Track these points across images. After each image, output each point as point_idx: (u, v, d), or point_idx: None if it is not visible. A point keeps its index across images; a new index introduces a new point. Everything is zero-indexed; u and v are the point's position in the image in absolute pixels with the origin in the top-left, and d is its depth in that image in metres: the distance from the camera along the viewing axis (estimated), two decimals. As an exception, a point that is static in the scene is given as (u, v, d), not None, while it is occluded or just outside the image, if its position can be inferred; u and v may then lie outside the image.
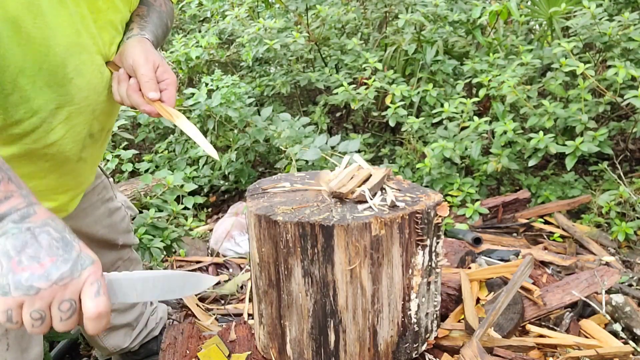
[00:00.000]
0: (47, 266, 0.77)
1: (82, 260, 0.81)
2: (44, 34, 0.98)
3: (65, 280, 0.78)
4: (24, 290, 0.76)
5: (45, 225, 0.81)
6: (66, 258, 0.79)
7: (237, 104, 3.16)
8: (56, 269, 0.78)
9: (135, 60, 1.14)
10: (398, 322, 1.35)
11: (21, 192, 0.84)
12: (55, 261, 0.78)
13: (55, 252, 0.79)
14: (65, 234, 0.82)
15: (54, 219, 0.84)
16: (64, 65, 1.04)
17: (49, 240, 0.80)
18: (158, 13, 1.33)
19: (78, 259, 0.81)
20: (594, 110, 2.67)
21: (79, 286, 0.80)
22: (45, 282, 0.77)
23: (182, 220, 2.81)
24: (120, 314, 1.65)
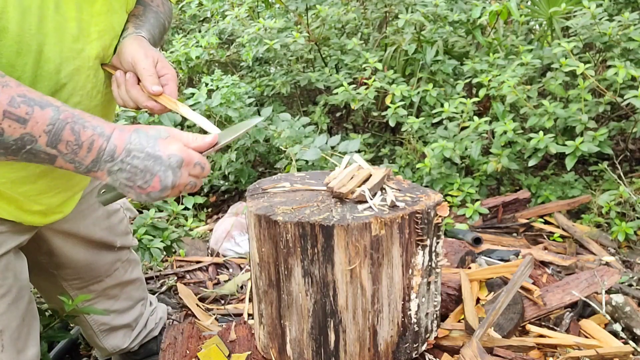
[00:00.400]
0: (158, 185, 0.99)
1: (173, 162, 1.00)
2: (39, 41, 0.98)
3: (174, 183, 1.01)
4: (159, 199, 1.03)
5: (130, 153, 0.98)
6: (163, 170, 0.99)
7: (237, 104, 3.16)
8: (164, 183, 1.00)
9: (135, 56, 1.14)
10: (398, 322, 1.35)
11: (95, 130, 0.96)
12: (159, 178, 0.99)
13: (154, 169, 0.98)
14: (147, 148, 0.98)
15: (130, 139, 0.98)
16: (57, 72, 1.03)
17: (141, 162, 0.98)
18: (155, 13, 1.32)
19: (170, 164, 0.99)
20: (594, 110, 2.67)
21: (186, 176, 1.03)
22: (165, 192, 1.01)
23: (182, 221, 2.81)
24: (119, 314, 1.65)
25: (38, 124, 0.90)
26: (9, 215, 1.16)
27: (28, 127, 0.89)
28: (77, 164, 0.96)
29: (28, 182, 1.14)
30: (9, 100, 0.87)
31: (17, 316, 1.23)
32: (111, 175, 0.99)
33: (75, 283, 1.53)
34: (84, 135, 0.94)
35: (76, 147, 0.94)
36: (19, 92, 0.89)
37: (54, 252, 1.42)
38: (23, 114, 0.89)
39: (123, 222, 1.62)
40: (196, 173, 1.05)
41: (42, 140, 0.91)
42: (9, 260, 1.21)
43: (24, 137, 0.90)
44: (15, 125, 0.88)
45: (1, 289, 1.19)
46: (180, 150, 1.01)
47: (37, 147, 0.91)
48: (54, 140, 0.92)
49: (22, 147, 0.91)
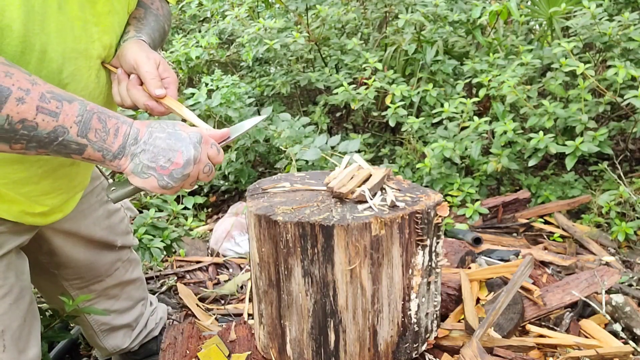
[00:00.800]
0: (181, 160, 1.03)
1: (194, 138, 1.06)
2: (42, 40, 0.98)
3: (197, 158, 1.05)
4: (180, 180, 1.05)
5: (152, 135, 1.04)
6: (185, 145, 1.04)
7: (237, 104, 3.16)
8: (187, 157, 1.04)
9: (137, 58, 1.15)
10: (398, 322, 1.35)
11: (119, 119, 1.02)
12: (182, 152, 1.03)
13: (175, 146, 1.03)
14: (167, 129, 1.05)
15: (150, 124, 1.06)
16: (59, 71, 1.04)
17: (164, 141, 1.03)
18: (155, 16, 1.32)
19: (190, 140, 1.05)
20: (594, 110, 2.67)
21: (205, 154, 1.08)
22: (189, 168, 1.05)
23: (182, 220, 2.81)
24: (119, 314, 1.65)
25: (68, 116, 0.95)
26: (10, 216, 1.16)
27: (60, 119, 0.94)
28: (105, 151, 1.00)
29: (31, 182, 1.14)
30: (40, 97, 0.92)
31: (18, 316, 1.23)
32: (134, 158, 1.02)
33: (75, 283, 1.53)
34: (110, 123, 1.00)
35: (104, 135, 0.99)
36: (47, 89, 0.94)
37: (54, 251, 1.42)
38: (54, 108, 0.93)
39: (124, 221, 1.62)
40: (213, 154, 1.10)
41: (73, 130, 0.96)
42: (10, 260, 1.21)
43: (56, 129, 0.94)
44: (48, 119, 0.93)
45: (2, 289, 1.19)
46: (198, 130, 1.09)
47: (68, 138, 0.96)
48: (84, 130, 0.97)
49: (55, 139, 0.95)
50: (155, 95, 1.14)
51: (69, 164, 1.20)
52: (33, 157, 1.10)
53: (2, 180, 1.10)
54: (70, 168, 1.22)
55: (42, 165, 1.14)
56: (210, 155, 1.09)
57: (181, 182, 1.06)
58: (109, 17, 1.13)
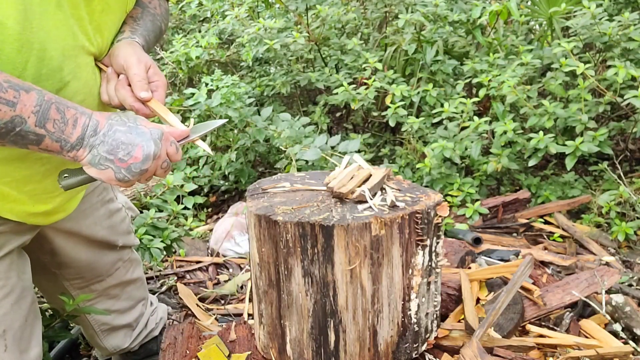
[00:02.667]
0: (140, 154, 1.03)
1: (155, 134, 1.06)
2: (41, 38, 0.98)
3: (156, 154, 1.05)
4: (137, 174, 1.05)
5: (112, 127, 1.03)
6: (145, 140, 1.04)
7: (237, 104, 3.16)
8: (147, 152, 1.04)
9: (127, 60, 1.15)
10: (398, 322, 1.35)
11: (77, 109, 1.01)
12: (142, 147, 1.03)
13: (135, 141, 1.03)
14: (128, 123, 1.05)
15: (110, 116, 1.05)
16: (60, 69, 1.04)
17: (124, 135, 1.03)
18: (152, 16, 1.32)
19: (151, 135, 1.05)
20: (594, 110, 2.67)
21: (165, 150, 1.08)
22: (147, 163, 1.04)
23: (182, 220, 2.81)
24: (120, 314, 1.65)
25: (26, 106, 0.94)
26: (13, 216, 1.16)
27: (17, 109, 0.93)
28: (63, 142, 0.99)
29: (33, 181, 1.14)
30: None
31: (20, 316, 1.23)
32: (92, 150, 1.02)
33: (76, 282, 1.53)
34: (69, 113, 0.99)
35: (62, 125, 0.98)
36: (4, 77, 0.92)
37: (56, 251, 1.43)
38: (11, 97, 0.92)
39: (125, 221, 1.63)
40: (172, 152, 1.10)
41: (31, 120, 0.95)
42: (12, 260, 1.21)
43: (14, 119, 0.93)
44: (5, 109, 0.92)
45: (4, 289, 1.19)
46: (159, 127, 1.09)
47: (26, 128, 0.95)
48: (42, 120, 0.96)
49: (12, 129, 0.94)
50: (141, 98, 1.15)
51: (71, 162, 1.20)
52: (35, 155, 1.10)
53: (5, 178, 1.10)
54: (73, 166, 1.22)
55: (44, 164, 1.14)
56: (170, 152, 1.10)
57: (138, 176, 1.06)
58: (102, 16, 1.13)
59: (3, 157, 1.07)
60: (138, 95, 1.15)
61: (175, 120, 1.18)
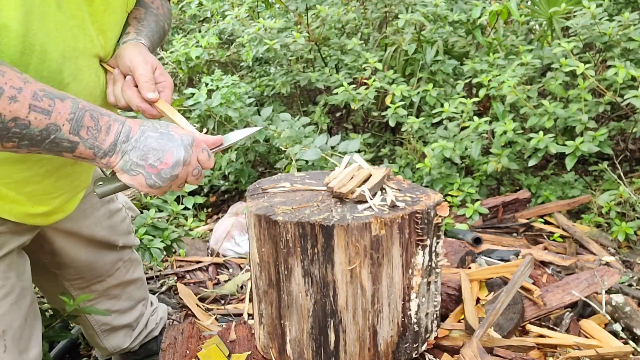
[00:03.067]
0: (170, 160, 1.04)
1: (185, 140, 1.06)
2: (42, 40, 0.98)
3: (186, 160, 1.06)
4: (168, 180, 1.05)
5: (144, 133, 1.04)
6: (176, 146, 1.04)
7: (237, 104, 3.16)
8: (177, 158, 1.04)
9: (134, 61, 1.15)
10: (398, 322, 1.35)
11: (111, 117, 1.03)
12: (172, 153, 1.04)
13: (166, 147, 1.04)
14: (160, 129, 1.05)
15: (142, 122, 1.06)
16: (60, 71, 1.04)
17: (155, 141, 1.04)
18: (155, 16, 1.32)
19: (182, 142, 1.06)
20: (594, 110, 2.67)
21: (195, 157, 1.08)
22: (178, 169, 1.05)
23: (182, 221, 2.81)
24: (120, 314, 1.65)
25: (60, 114, 0.95)
26: (12, 217, 1.16)
27: (52, 117, 0.94)
28: (97, 148, 1.01)
29: (33, 182, 1.14)
30: (32, 95, 0.92)
31: (19, 316, 1.23)
32: (124, 156, 1.03)
33: (77, 283, 1.53)
34: (102, 121, 1.01)
35: (96, 132, 1.00)
36: (39, 87, 0.94)
37: (56, 251, 1.42)
38: (47, 106, 0.94)
39: (125, 221, 1.62)
40: (203, 159, 1.10)
41: (65, 128, 0.96)
42: (11, 260, 1.21)
43: (49, 127, 0.94)
44: (40, 117, 0.93)
45: (3, 289, 1.19)
46: (191, 133, 1.10)
47: (60, 136, 0.96)
48: (76, 127, 0.97)
49: (47, 137, 0.95)
50: (148, 99, 1.15)
51: (71, 164, 1.20)
52: (35, 157, 1.10)
53: (5, 180, 1.10)
54: (72, 168, 1.22)
55: (44, 165, 1.14)
56: (201, 159, 1.10)
57: (169, 182, 1.06)
58: (105, 16, 1.13)
59: (3, 158, 1.07)
60: (145, 96, 1.15)
61: (183, 121, 1.18)
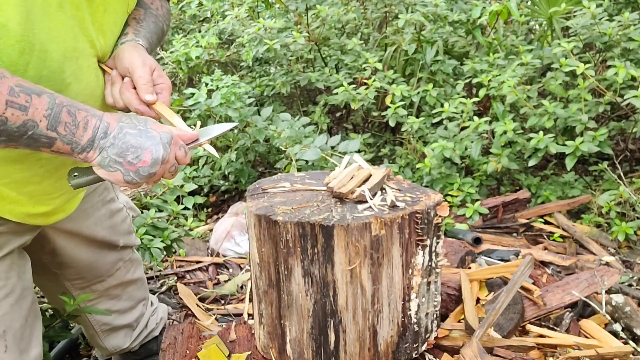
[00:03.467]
0: (149, 158, 1.04)
1: (164, 139, 1.06)
2: (42, 40, 0.98)
3: (165, 158, 1.06)
4: (145, 177, 1.06)
5: (122, 130, 1.04)
6: (155, 144, 1.05)
7: (237, 104, 3.16)
8: (155, 156, 1.04)
9: (132, 62, 1.15)
10: (398, 322, 1.35)
11: (88, 112, 1.02)
12: (150, 151, 1.04)
13: (145, 144, 1.04)
14: (138, 126, 1.05)
15: (120, 118, 1.05)
16: (61, 71, 1.04)
17: (133, 138, 1.03)
18: (154, 17, 1.32)
19: (161, 140, 1.06)
20: (594, 110, 2.67)
21: (173, 155, 1.09)
22: (155, 167, 1.05)
23: (182, 220, 2.81)
24: (121, 314, 1.65)
25: (38, 109, 0.95)
26: (13, 217, 1.16)
27: (29, 113, 0.94)
28: (74, 144, 1.00)
29: (33, 182, 1.14)
30: (9, 90, 0.91)
31: (20, 316, 1.23)
32: (102, 152, 1.03)
33: (77, 283, 1.53)
34: (80, 116, 1.00)
35: (73, 128, 0.99)
36: (16, 82, 0.93)
37: (57, 251, 1.42)
38: (23, 102, 0.93)
39: (126, 221, 1.62)
40: (180, 156, 1.11)
41: (42, 124, 0.96)
42: (12, 261, 1.21)
43: (26, 123, 0.94)
44: (17, 113, 0.92)
45: (4, 289, 1.19)
46: (169, 130, 1.10)
47: (38, 132, 0.96)
48: (54, 123, 0.97)
49: (24, 133, 0.95)
50: (146, 101, 1.15)
51: (71, 163, 1.20)
52: (34, 157, 1.10)
53: (5, 179, 1.10)
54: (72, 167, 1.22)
55: (43, 165, 1.14)
56: (178, 156, 1.11)
57: (146, 179, 1.07)
58: (105, 16, 1.13)
59: (2, 158, 1.07)
60: (143, 97, 1.15)
61: (181, 123, 1.18)
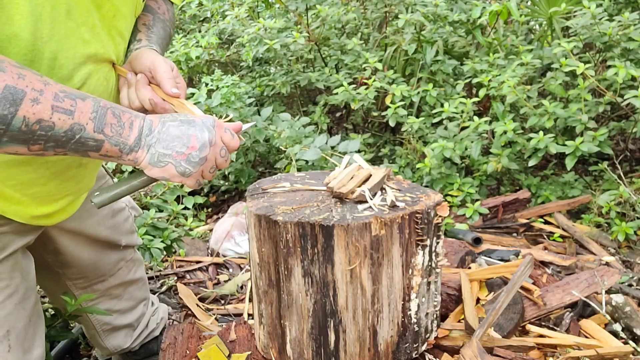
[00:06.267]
0: (196, 143, 1.05)
1: (207, 122, 1.09)
2: (52, 48, 0.99)
3: (212, 140, 1.07)
4: (198, 165, 1.06)
5: (164, 124, 1.06)
6: (199, 129, 1.06)
7: (237, 104, 3.16)
8: (202, 139, 1.06)
9: (155, 61, 1.18)
10: (398, 322, 1.35)
11: (132, 114, 1.04)
12: (196, 136, 1.05)
13: (189, 132, 1.05)
14: (179, 118, 1.08)
15: (161, 116, 1.08)
16: (70, 77, 1.05)
17: (177, 129, 1.05)
18: (162, 22, 1.35)
19: (204, 124, 1.08)
20: (594, 110, 2.67)
21: (219, 137, 1.10)
22: (205, 151, 1.06)
23: (182, 220, 2.81)
24: (122, 314, 1.65)
25: (83, 113, 0.96)
26: (17, 217, 1.17)
27: (75, 117, 0.95)
28: (122, 145, 1.01)
29: (38, 184, 1.15)
30: (54, 96, 0.93)
31: (23, 316, 1.23)
32: (150, 149, 1.04)
33: (79, 282, 1.53)
34: (124, 117, 1.02)
35: (119, 129, 1.01)
36: (60, 88, 0.94)
37: (59, 250, 1.43)
38: (69, 106, 0.94)
39: (128, 220, 1.63)
40: (227, 139, 1.12)
41: (89, 127, 0.97)
42: (16, 261, 1.21)
43: (73, 127, 0.95)
44: (64, 118, 0.94)
45: (8, 288, 1.19)
46: (210, 116, 1.12)
47: (85, 135, 0.97)
48: (100, 125, 0.98)
49: (72, 137, 0.96)
50: (172, 94, 1.17)
51: (76, 166, 1.21)
52: (41, 159, 1.11)
53: (10, 181, 1.11)
54: (77, 170, 1.22)
55: (49, 167, 1.14)
56: (225, 139, 1.11)
57: (199, 166, 1.07)
58: (114, 21, 1.14)
59: (8, 160, 1.07)
60: (169, 91, 1.17)
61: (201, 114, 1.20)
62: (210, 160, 1.08)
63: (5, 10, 0.90)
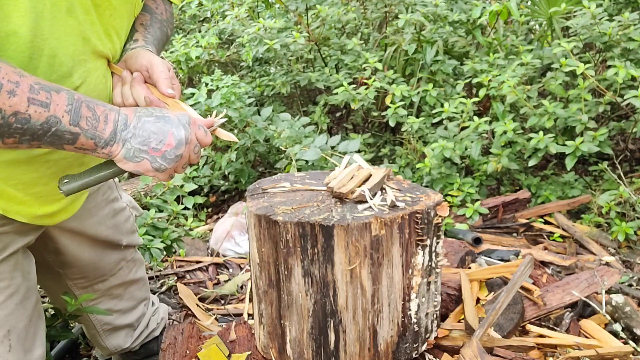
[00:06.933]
0: (172, 141, 1.06)
1: (183, 119, 1.09)
2: (52, 45, 0.99)
3: (187, 138, 1.08)
4: (173, 161, 1.07)
5: (140, 118, 1.06)
6: (175, 126, 1.07)
7: (237, 104, 3.16)
8: (179, 137, 1.06)
9: (152, 60, 1.18)
10: (398, 322, 1.35)
11: (106, 106, 1.03)
12: (172, 134, 1.06)
13: (165, 128, 1.06)
14: (155, 113, 1.08)
15: (136, 109, 1.08)
16: (70, 74, 1.05)
17: (153, 125, 1.05)
18: (159, 23, 1.34)
19: (180, 121, 1.08)
20: (594, 110, 2.67)
21: (194, 135, 1.10)
22: (180, 148, 1.07)
23: (182, 221, 2.81)
24: (122, 314, 1.65)
25: (59, 105, 0.95)
26: (20, 217, 1.17)
27: (51, 110, 0.94)
28: (97, 138, 1.01)
29: (40, 183, 1.15)
30: (29, 88, 0.92)
31: (24, 316, 1.23)
32: (125, 144, 1.03)
33: (80, 282, 1.53)
34: (99, 110, 1.01)
35: (95, 122, 1.00)
36: (34, 80, 0.94)
37: (60, 250, 1.43)
38: (44, 98, 0.94)
39: (129, 220, 1.63)
40: (201, 136, 1.12)
41: (65, 120, 0.96)
42: (17, 260, 1.21)
43: (49, 119, 0.94)
44: (40, 110, 0.93)
45: (9, 288, 1.19)
46: (185, 112, 1.12)
47: (61, 128, 0.96)
48: (75, 118, 0.98)
49: (48, 130, 0.95)
50: (168, 94, 1.17)
51: (78, 166, 1.21)
52: (42, 158, 1.11)
53: (13, 181, 1.11)
54: (79, 169, 1.22)
55: (51, 167, 1.14)
56: (199, 136, 1.12)
57: (174, 163, 1.07)
58: (111, 20, 1.14)
59: (10, 159, 1.07)
60: (165, 91, 1.17)
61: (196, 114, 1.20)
62: (184, 158, 1.09)
63: (3, 8, 0.90)
